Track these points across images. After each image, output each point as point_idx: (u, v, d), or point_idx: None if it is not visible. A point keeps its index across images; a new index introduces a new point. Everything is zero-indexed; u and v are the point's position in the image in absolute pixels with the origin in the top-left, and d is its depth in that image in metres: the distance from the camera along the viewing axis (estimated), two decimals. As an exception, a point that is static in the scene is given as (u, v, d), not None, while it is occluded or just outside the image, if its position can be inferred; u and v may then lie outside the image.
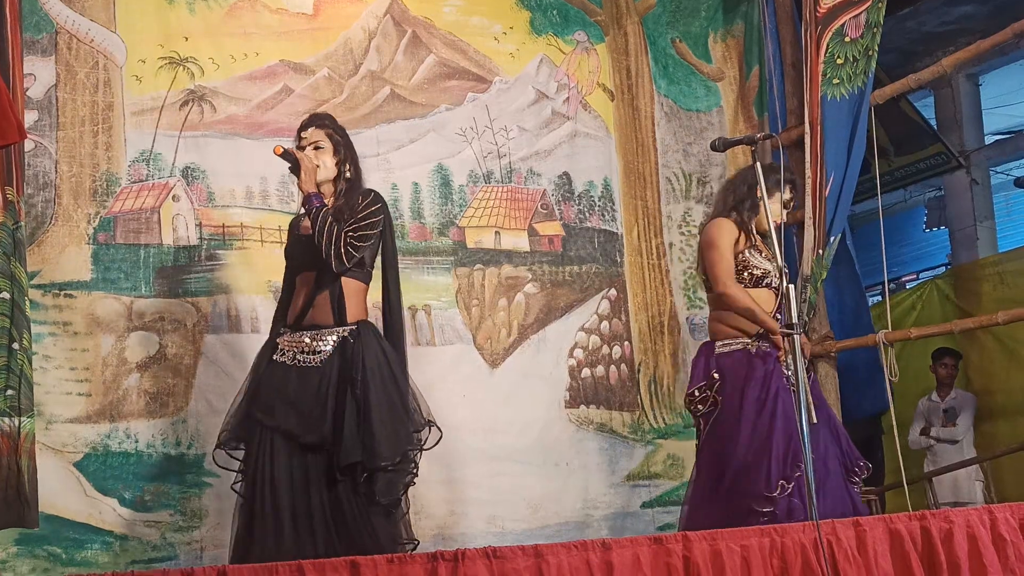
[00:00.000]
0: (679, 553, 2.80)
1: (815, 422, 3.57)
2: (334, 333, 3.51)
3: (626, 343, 5.51)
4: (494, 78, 5.45)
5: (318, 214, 3.50)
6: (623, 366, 5.47)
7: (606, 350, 5.45)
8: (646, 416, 5.47)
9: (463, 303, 5.16)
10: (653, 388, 5.53)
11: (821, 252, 5.20)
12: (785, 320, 3.27)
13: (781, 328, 3.29)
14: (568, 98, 5.62)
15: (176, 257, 4.62)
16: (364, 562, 2.56)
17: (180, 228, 4.64)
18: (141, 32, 4.71)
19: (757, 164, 3.46)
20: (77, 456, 4.29)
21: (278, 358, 3.53)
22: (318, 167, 3.62)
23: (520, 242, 5.37)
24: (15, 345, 3.75)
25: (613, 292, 5.53)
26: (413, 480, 3.54)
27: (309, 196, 3.54)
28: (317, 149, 3.64)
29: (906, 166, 8.34)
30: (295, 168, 3.61)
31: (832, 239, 5.22)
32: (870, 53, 5.21)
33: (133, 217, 4.58)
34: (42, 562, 4.12)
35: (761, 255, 4.15)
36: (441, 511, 4.86)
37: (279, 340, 3.59)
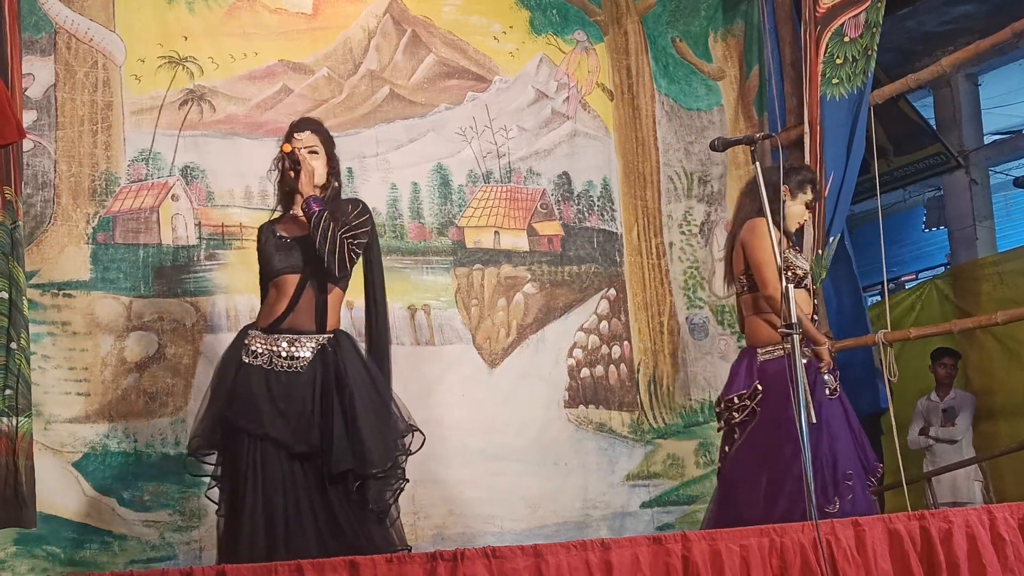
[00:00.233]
0: (678, 553, 2.79)
1: (814, 422, 3.56)
2: (313, 339, 3.47)
3: (625, 343, 5.51)
4: (493, 77, 5.45)
5: (320, 218, 3.47)
6: (622, 366, 5.47)
7: (605, 350, 5.45)
8: (645, 416, 5.47)
9: (462, 303, 5.16)
10: (653, 388, 5.53)
11: (820, 252, 5.21)
12: (784, 320, 3.25)
13: (780, 329, 3.28)
14: (568, 98, 5.62)
15: (175, 257, 4.62)
16: (363, 562, 2.55)
17: (179, 228, 4.63)
18: (140, 32, 4.70)
19: (757, 165, 3.45)
20: (76, 456, 4.29)
21: (250, 361, 3.44)
22: (314, 171, 3.61)
23: (519, 242, 5.37)
24: (13, 345, 3.75)
25: (612, 292, 5.53)
26: (402, 487, 3.52)
27: (309, 199, 3.51)
28: (312, 153, 3.62)
29: (905, 166, 8.34)
30: (295, 169, 3.57)
31: (831, 239, 5.23)
32: (869, 53, 5.21)
33: (132, 217, 4.58)
34: (41, 562, 4.12)
35: (800, 256, 4.12)
36: (440, 511, 4.86)
37: (248, 341, 3.48)
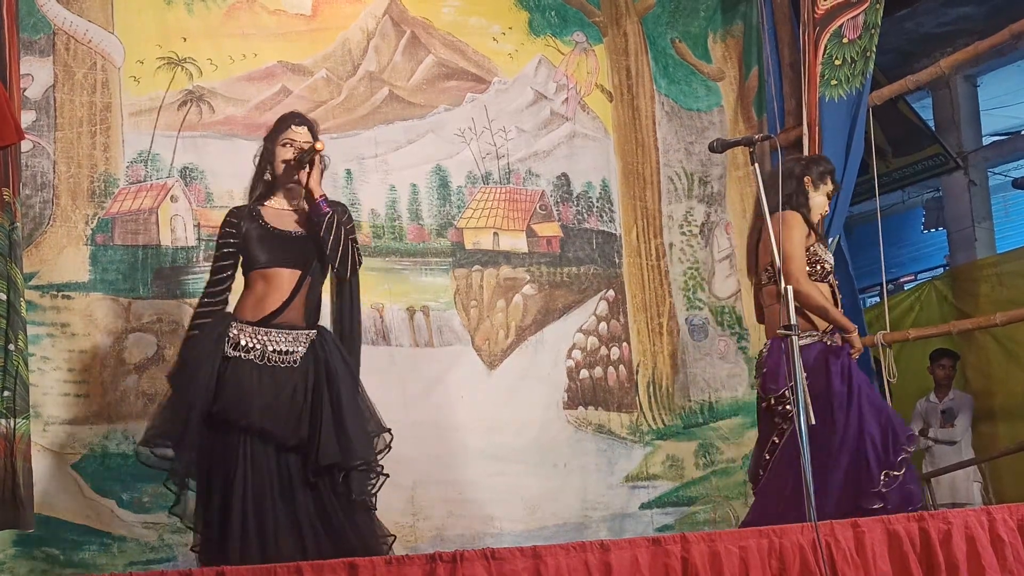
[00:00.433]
0: (677, 554, 2.79)
1: (813, 423, 3.56)
2: (304, 335, 3.49)
3: (624, 344, 5.51)
4: (492, 79, 5.45)
5: (332, 221, 3.52)
6: (621, 367, 5.47)
7: (604, 351, 5.45)
8: (644, 417, 5.47)
9: (461, 304, 5.16)
10: (652, 389, 5.53)
11: (819, 253, 5.21)
12: (783, 321, 3.25)
13: (779, 330, 3.29)
14: (567, 99, 5.62)
15: (174, 258, 4.62)
16: (363, 563, 2.55)
17: (178, 229, 4.63)
18: (139, 33, 4.70)
19: (756, 167, 3.46)
20: (75, 457, 4.28)
21: (241, 355, 3.40)
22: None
23: (518, 243, 5.37)
24: (11, 346, 3.75)
25: (611, 293, 5.53)
26: (381, 481, 3.55)
27: (321, 200, 3.53)
28: None
29: (904, 167, 8.35)
30: (304, 164, 3.55)
31: (831, 240, 5.23)
32: (868, 54, 5.22)
33: (131, 218, 4.57)
34: (40, 563, 4.11)
35: (827, 251, 4.11)
36: (439, 512, 4.86)
37: (234, 334, 3.43)
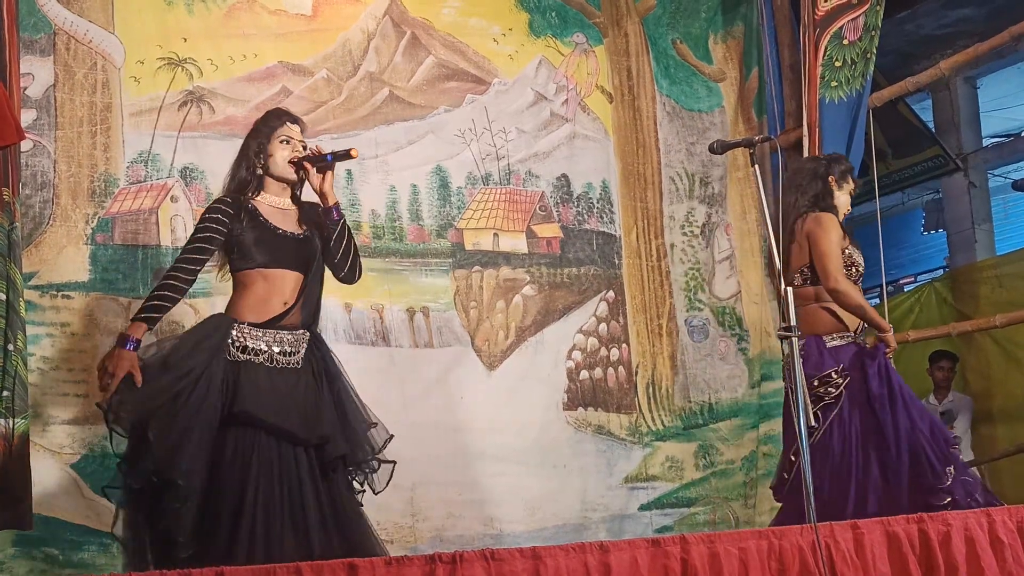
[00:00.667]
0: (677, 556, 2.79)
1: (813, 425, 3.56)
2: (304, 336, 3.49)
3: (624, 345, 5.51)
4: (493, 80, 5.46)
5: (344, 228, 3.55)
6: (621, 368, 5.47)
7: (604, 352, 5.45)
8: (644, 418, 5.47)
9: (461, 305, 5.16)
10: (651, 390, 5.53)
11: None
12: (782, 323, 3.26)
13: (779, 331, 3.28)
14: (567, 100, 5.62)
15: (174, 258, 4.59)
16: (362, 564, 2.55)
17: (178, 229, 4.63)
18: (139, 33, 4.70)
19: (756, 168, 3.46)
20: (74, 457, 4.27)
21: (250, 358, 3.36)
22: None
23: (518, 244, 5.37)
24: (10, 347, 3.75)
25: (611, 294, 5.53)
26: (373, 472, 3.55)
27: (334, 207, 3.53)
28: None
29: (904, 169, 8.35)
30: (327, 169, 3.52)
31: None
32: (868, 56, 5.22)
33: (131, 218, 4.57)
34: (39, 563, 4.11)
35: (859, 252, 4.11)
36: (439, 513, 4.86)
37: (238, 337, 3.37)
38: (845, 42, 5.32)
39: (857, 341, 4.03)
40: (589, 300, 5.47)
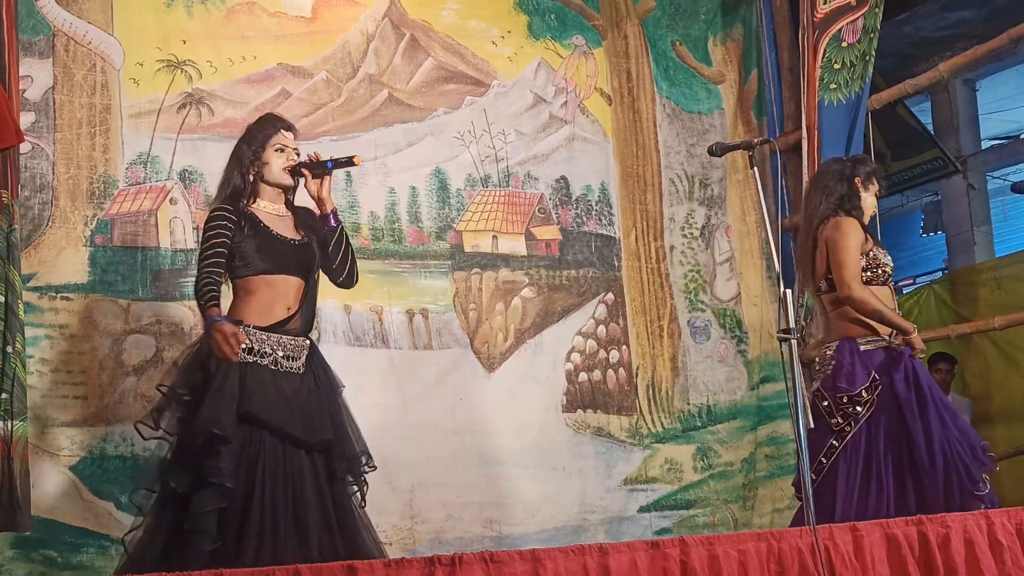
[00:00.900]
0: (676, 558, 2.79)
1: (812, 427, 3.56)
2: (305, 342, 3.51)
3: (624, 347, 5.51)
4: (492, 82, 5.46)
5: (343, 234, 3.57)
6: (620, 370, 5.47)
7: (603, 354, 5.45)
8: (644, 420, 5.47)
9: (460, 307, 5.16)
10: (651, 392, 5.52)
11: (818, 257, 5.21)
12: (782, 325, 3.25)
13: (779, 334, 3.27)
14: (565, 102, 5.62)
15: (173, 260, 4.61)
16: (361, 567, 2.55)
17: (177, 231, 4.63)
18: (139, 35, 4.70)
19: (755, 170, 3.45)
20: (73, 460, 4.27)
21: (258, 360, 3.37)
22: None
23: (517, 246, 5.37)
24: (9, 348, 3.75)
25: (610, 296, 5.53)
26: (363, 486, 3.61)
27: (332, 213, 3.56)
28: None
29: (903, 171, 8.35)
30: (320, 175, 3.54)
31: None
32: (867, 58, 5.22)
33: (130, 220, 4.57)
34: (38, 566, 4.10)
35: (886, 253, 4.07)
36: (438, 515, 4.86)
37: (247, 337, 3.36)
38: (844, 44, 5.32)
39: (891, 344, 3.97)
40: (588, 302, 5.47)
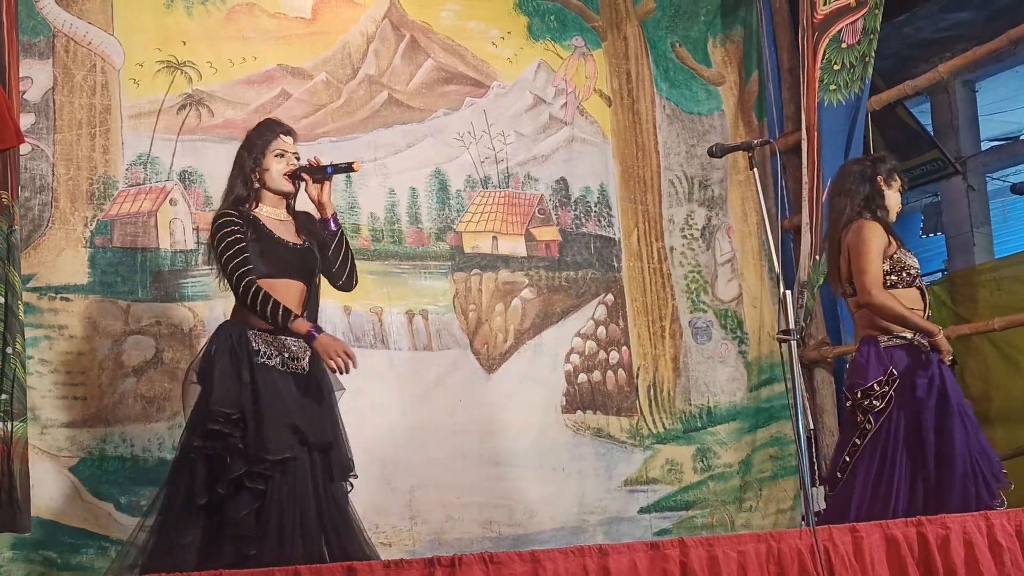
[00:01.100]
0: (676, 559, 2.80)
1: (811, 427, 3.56)
2: (306, 345, 3.52)
3: (624, 348, 5.51)
4: (491, 83, 5.46)
5: (342, 238, 3.60)
6: (621, 371, 5.47)
7: (603, 355, 5.45)
8: (644, 421, 5.46)
9: (460, 308, 5.16)
10: (652, 393, 5.52)
11: (818, 258, 5.22)
12: (782, 326, 3.25)
13: (778, 335, 3.27)
14: (565, 103, 5.62)
15: (173, 261, 4.61)
16: (361, 567, 2.55)
17: (177, 232, 4.63)
18: (139, 35, 4.70)
19: (755, 171, 3.45)
20: (73, 460, 4.27)
21: (266, 361, 3.42)
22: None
23: (517, 247, 5.37)
24: (9, 349, 3.75)
25: (610, 297, 5.53)
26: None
27: (332, 217, 3.58)
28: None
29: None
30: (320, 180, 3.55)
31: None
32: (867, 59, 5.22)
33: (130, 221, 4.57)
34: (37, 567, 4.10)
35: (910, 254, 4.06)
36: (437, 516, 4.86)
37: (254, 343, 3.42)
38: (844, 45, 5.32)
39: (915, 343, 3.96)
40: (587, 303, 5.47)
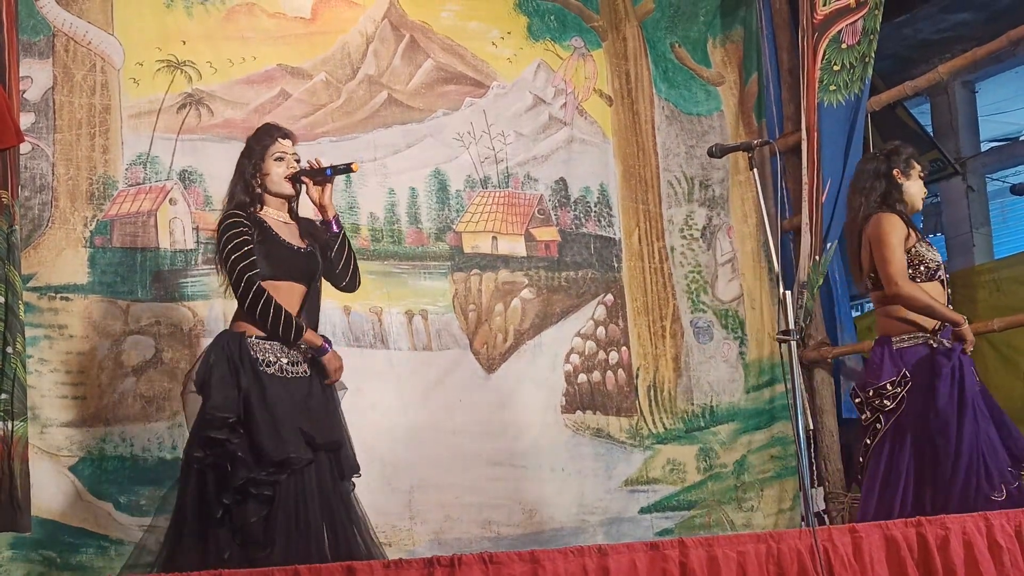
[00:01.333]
0: (675, 559, 2.80)
1: (811, 428, 3.57)
2: (305, 348, 3.54)
3: (624, 348, 5.51)
4: (491, 83, 5.46)
5: (345, 240, 3.63)
6: (620, 371, 5.47)
7: (602, 355, 5.45)
8: (645, 421, 5.46)
9: (460, 308, 5.16)
10: (653, 393, 5.52)
11: (818, 258, 5.22)
12: (781, 326, 3.25)
13: (778, 335, 3.27)
14: (565, 104, 5.62)
15: (173, 261, 4.61)
16: (360, 567, 2.55)
17: (177, 232, 4.63)
18: (139, 35, 4.70)
19: (755, 172, 3.46)
20: (72, 460, 4.27)
21: (265, 369, 3.42)
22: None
23: (517, 247, 5.37)
24: (9, 349, 3.75)
25: (610, 297, 5.53)
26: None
27: (335, 219, 3.62)
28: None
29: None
30: (327, 182, 3.59)
31: (829, 245, 5.24)
32: (866, 60, 5.22)
33: (130, 220, 4.57)
34: (37, 566, 4.10)
35: (931, 248, 4.07)
36: (437, 516, 4.86)
37: (255, 350, 3.43)
38: (844, 46, 5.32)
39: (931, 341, 3.97)
40: (587, 303, 5.47)
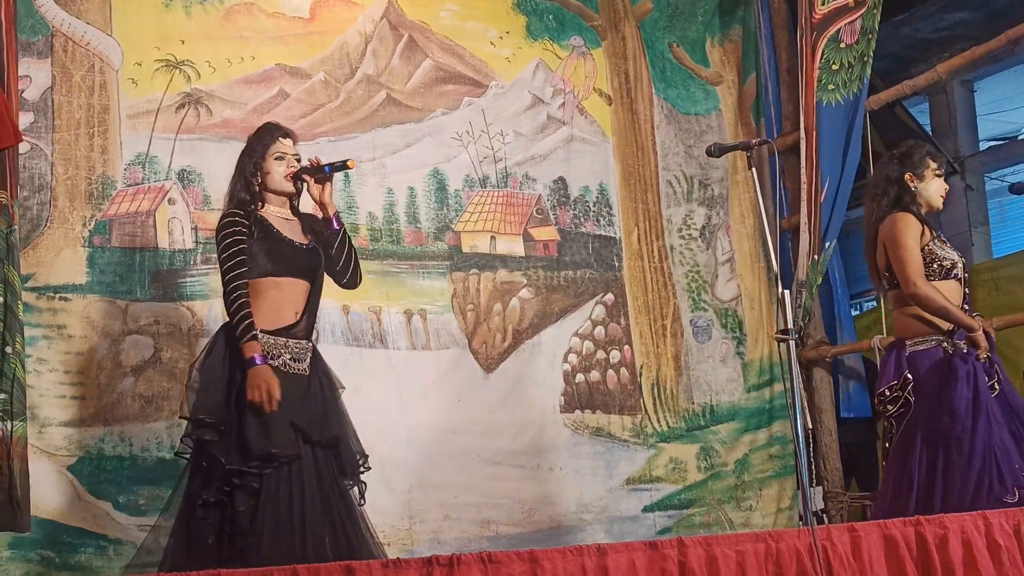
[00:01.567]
0: (674, 559, 2.80)
1: (810, 427, 3.57)
2: (310, 346, 3.56)
3: (626, 347, 5.51)
4: (490, 83, 5.46)
5: (345, 237, 3.65)
6: (623, 370, 5.47)
7: (601, 355, 5.45)
8: (649, 419, 5.46)
9: (458, 308, 5.16)
10: (656, 391, 5.52)
11: (816, 257, 5.22)
12: (780, 326, 3.26)
13: (777, 334, 3.27)
14: (564, 103, 5.62)
15: (171, 260, 4.61)
16: (359, 567, 2.55)
17: (176, 231, 4.63)
18: (137, 35, 4.70)
19: (753, 171, 3.46)
20: (71, 460, 4.27)
21: (268, 363, 3.40)
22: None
23: (515, 247, 5.37)
24: (8, 349, 3.74)
25: (610, 297, 5.53)
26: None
27: (335, 216, 3.64)
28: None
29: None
30: (321, 180, 3.61)
31: (827, 244, 5.24)
32: (865, 59, 5.22)
33: (129, 220, 4.57)
34: (35, 566, 4.10)
35: (946, 246, 4.06)
36: (436, 515, 4.86)
37: (260, 343, 3.42)
38: (842, 45, 5.32)
39: (944, 344, 3.96)
40: (585, 303, 5.47)
